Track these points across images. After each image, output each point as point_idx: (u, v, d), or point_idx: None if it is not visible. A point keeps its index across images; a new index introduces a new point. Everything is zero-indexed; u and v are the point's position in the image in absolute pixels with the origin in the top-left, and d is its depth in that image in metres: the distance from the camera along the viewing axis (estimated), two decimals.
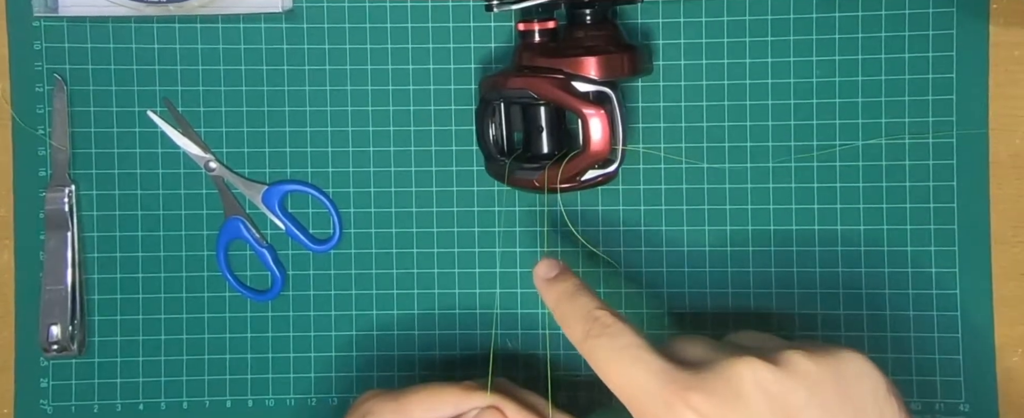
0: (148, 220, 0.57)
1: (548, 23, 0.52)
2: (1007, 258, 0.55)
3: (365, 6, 0.56)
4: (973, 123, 0.55)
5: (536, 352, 0.57)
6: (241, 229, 0.57)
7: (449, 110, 0.57)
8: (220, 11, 0.56)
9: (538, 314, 0.57)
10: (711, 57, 0.55)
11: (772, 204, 0.56)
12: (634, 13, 0.56)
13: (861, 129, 0.55)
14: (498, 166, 0.54)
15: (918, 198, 0.55)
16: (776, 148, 0.56)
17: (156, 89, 0.57)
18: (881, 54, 0.55)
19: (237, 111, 0.57)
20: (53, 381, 0.58)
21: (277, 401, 0.58)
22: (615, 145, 0.51)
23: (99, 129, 0.57)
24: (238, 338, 0.58)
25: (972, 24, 0.54)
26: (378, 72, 0.57)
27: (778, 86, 0.55)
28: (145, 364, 0.58)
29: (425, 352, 0.58)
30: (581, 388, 0.57)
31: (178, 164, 0.57)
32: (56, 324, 0.57)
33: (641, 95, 0.56)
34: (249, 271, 0.58)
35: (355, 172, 0.57)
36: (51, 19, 0.56)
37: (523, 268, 0.57)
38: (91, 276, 0.58)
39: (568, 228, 0.56)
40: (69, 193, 0.57)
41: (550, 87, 0.51)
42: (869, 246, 0.55)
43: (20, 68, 0.57)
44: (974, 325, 0.55)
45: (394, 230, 0.57)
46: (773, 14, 0.55)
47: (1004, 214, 0.55)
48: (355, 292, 0.58)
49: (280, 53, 0.57)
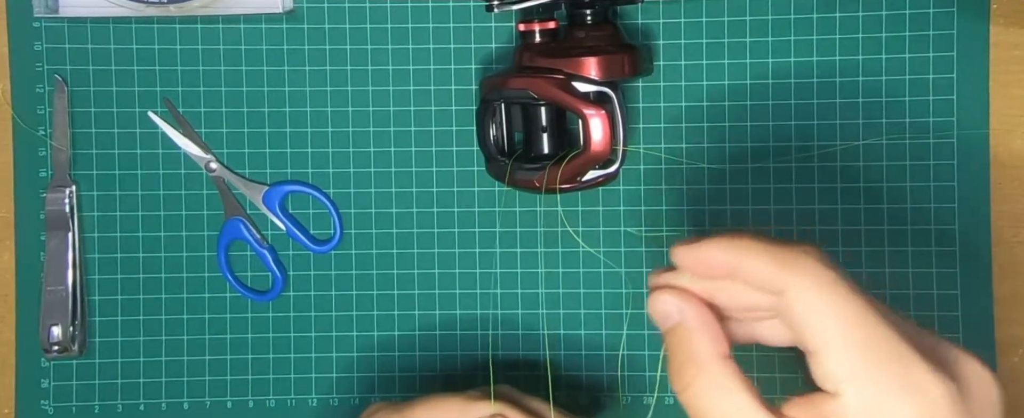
0: (149, 221, 0.57)
1: (549, 23, 0.52)
2: (1007, 258, 0.55)
3: (366, 7, 0.56)
4: (973, 123, 0.55)
5: (537, 352, 0.57)
6: (242, 230, 0.57)
7: (450, 111, 0.57)
8: (221, 12, 0.56)
9: (539, 314, 0.57)
10: (712, 57, 0.56)
11: (773, 204, 0.56)
12: (635, 13, 0.56)
13: (861, 129, 0.55)
14: (499, 167, 0.54)
15: (918, 198, 0.55)
16: (777, 148, 0.56)
17: (157, 90, 0.57)
18: (882, 54, 0.55)
19: (238, 112, 0.57)
20: (54, 382, 0.58)
21: (278, 401, 0.58)
22: (615, 145, 0.51)
23: (100, 130, 0.57)
24: (239, 339, 0.58)
25: (972, 24, 0.54)
26: (379, 73, 0.57)
27: (779, 86, 0.55)
28: (146, 365, 0.58)
29: (426, 352, 0.58)
30: (582, 388, 0.57)
31: (179, 165, 0.57)
32: (57, 325, 0.57)
33: (641, 95, 0.56)
34: (250, 272, 0.58)
35: (356, 173, 0.57)
36: (52, 20, 0.56)
37: (523, 268, 0.57)
38: (92, 277, 0.58)
39: (568, 228, 0.56)
40: (70, 194, 0.57)
41: (550, 87, 0.51)
42: (869, 246, 0.56)
43: (21, 69, 0.57)
44: (974, 325, 0.55)
45: (395, 231, 0.57)
46: (774, 14, 0.55)
47: (1004, 214, 0.55)
48: (356, 293, 0.58)
49: (281, 54, 0.57)
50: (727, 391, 0.37)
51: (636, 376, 0.57)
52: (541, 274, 0.57)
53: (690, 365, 0.37)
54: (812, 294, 0.36)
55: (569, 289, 0.57)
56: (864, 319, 0.35)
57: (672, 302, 0.39)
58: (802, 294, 0.36)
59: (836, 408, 0.35)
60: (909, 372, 0.35)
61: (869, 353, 0.35)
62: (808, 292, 0.36)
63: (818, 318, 0.36)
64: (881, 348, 0.35)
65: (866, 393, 0.34)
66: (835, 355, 0.35)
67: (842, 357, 0.35)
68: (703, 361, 0.37)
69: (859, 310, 0.36)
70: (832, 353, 0.35)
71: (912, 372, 0.35)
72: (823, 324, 0.35)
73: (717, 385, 0.37)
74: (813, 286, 0.36)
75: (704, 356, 0.38)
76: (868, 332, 0.35)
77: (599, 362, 0.57)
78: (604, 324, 0.57)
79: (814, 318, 0.36)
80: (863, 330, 0.35)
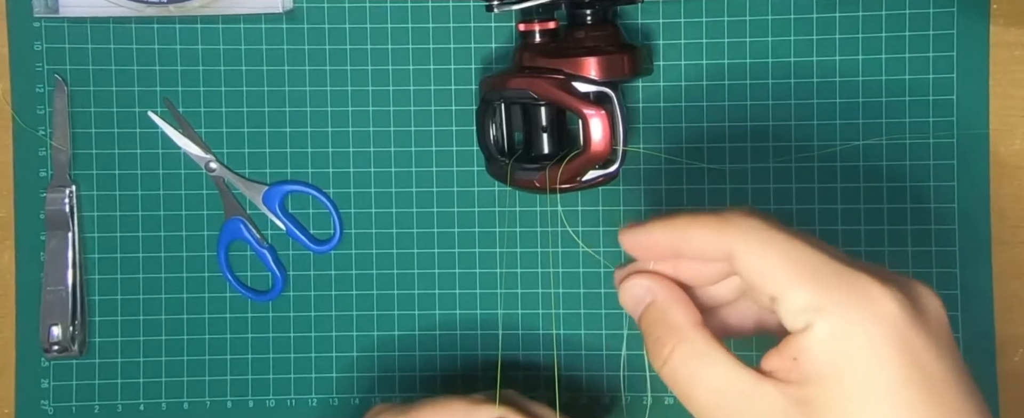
0: (149, 221, 0.57)
1: (549, 23, 0.52)
2: (1007, 258, 0.55)
3: (366, 7, 0.56)
4: (973, 123, 0.55)
5: (536, 352, 0.57)
6: (242, 230, 0.57)
7: (450, 111, 0.57)
8: (220, 11, 0.56)
9: (539, 315, 0.57)
10: (712, 57, 0.56)
11: (773, 204, 0.56)
12: (634, 13, 0.56)
13: (861, 129, 0.55)
14: (499, 166, 0.54)
15: (918, 198, 0.55)
16: (777, 148, 0.56)
17: (157, 90, 0.57)
18: (881, 54, 0.55)
19: (238, 111, 0.57)
20: (54, 382, 0.58)
21: (278, 401, 0.58)
22: (616, 145, 0.51)
23: (100, 130, 0.57)
24: (239, 339, 0.58)
25: (972, 24, 0.54)
26: (378, 72, 0.57)
27: (778, 86, 0.55)
28: (146, 365, 0.58)
29: (426, 352, 0.58)
30: (583, 388, 0.57)
31: (179, 165, 0.57)
32: (57, 325, 0.57)
33: (642, 95, 0.56)
34: (250, 272, 0.58)
35: (356, 172, 0.57)
36: (51, 20, 0.56)
37: (524, 268, 0.57)
38: (92, 277, 0.58)
39: (567, 228, 0.56)
40: (70, 194, 0.57)
41: (550, 87, 0.51)
42: (870, 246, 0.55)
43: (21, 69, 0.57)
44: (974, 325, 0.55)
45: (395, 231, 0.57)
46: (773, 14, 0.55)
47: (1004, 214, 0.55)
48: (356, 293, 0.58)
49: (281, 54, 0.57)
50: (707, 356, 0.38)
51: (636, 376, 0.57)
52: (540, 274, 0.57)
53: (668, 337, 0.39)
54: (755, 245, 0.37)
55: (569, 289, 0.57)
56: (809, 253, 0.37)
57: (641, 284, 0.40)
58: (747, 248, 0.37)
59: (807, 341, 0.36)
60: (862, 290, 0.36)
61: (821, 281, 0.36)
62: (751, 244, 0.37)
63: (768, 265, 0.37)
64: (831, 274, 0.36)
65: (830, 317, 0.35)
66: (792, 292, 0.36)
67: (800, 292, 0.36)
68: (680, 330, 0.39)
69: (801, 247, 0.37)
70: (790, 292, 0.36)
71: (865, 289, 0.36)
72: (774, 269, 0.37)
73: (697, 352, 0.38)
74: (754, 238, 0.37)
75: (681, 325, 0.39)
76: (816, 263, 0.36)
77: (599, 362, 0.57)
78: (604, 324, 0.57)
79: (764, 266, 0.37)
80: (811, 263, 0.36)
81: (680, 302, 0.40)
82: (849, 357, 0.35)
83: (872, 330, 0.35)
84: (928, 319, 0.36)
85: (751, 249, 0.37)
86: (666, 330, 0.39)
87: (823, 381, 0.35)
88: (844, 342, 0.35)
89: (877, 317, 0.35)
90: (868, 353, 0.35)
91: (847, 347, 0.35)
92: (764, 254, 0.37)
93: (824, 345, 0.35)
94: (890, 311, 0.35)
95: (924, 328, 0.36)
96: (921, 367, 0.35)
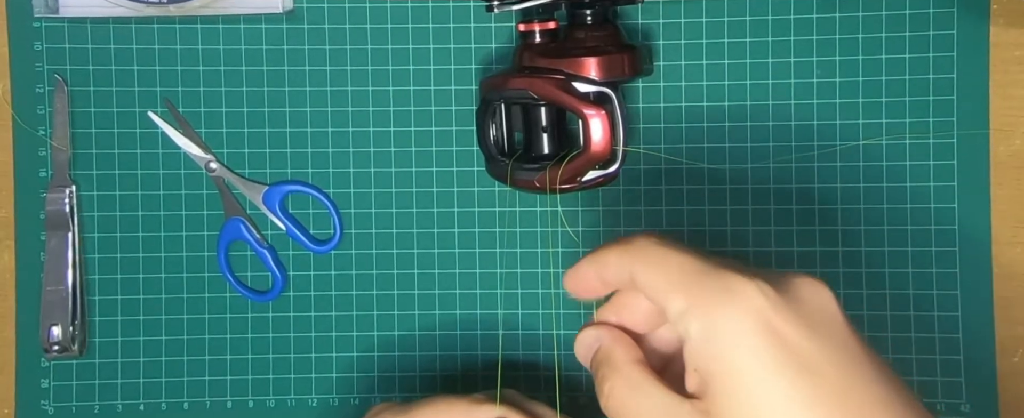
0: (149, 221, 0.57)
1: (549, 24, 0.52)
2: (1007, 258, 0.55)
3: (366, 7, 0.56)
4: (973, 123, 0.55)
5: (536, 352, 0.57)
6: (242, 230, 0.57)
7: (450, 111, 0.57)
8: (220, 12, 0.56)
9: (539, 315, 0.57)
10: (712, 58, 0.56)
11: (773, 204, 0.56)
12: (635, 13, 0.56)
13: (861, 129, 0.55)
14: (499, 167, 0.54)
15: (918, 198, 0.55)
16: (776, 148, 0.56)
17: (157, 90, 0.57)
18: (882, 54, 0.55)
19: (238, 112, 0.57)
20: (54, 382, 0.58)
21: (278, 401, 0.58)
22: (615, 146, 0.51)
23: (100, 130, 0.57)
24: (239, 339, 0.58)
25: (972, 24, 0.54)
26: (379, 73, 0.57)
27: (779, 86, 0.55)
28: (146, 365, 0.58)
29: (426, 352, 0.58)
30: (583, 388, 0.57)
31: (179, 165, 0.57)
32: (57, 325, 0.57)
33: (642, 96, 0.56)
34: (250, 272, 0.58)
35: (356, 173, 0.57)
36: (51, 20, 0.56)
37: (524, 268, 0.57)
38: (92, 277, 0.58)
39: (567, 229, 0.56)
40: (70, 194, 0.57)
41: (551, 88, 0.51)
42: (869, 246, 0.56)
43: (21, 69, 0.57)
44: (974, 325, 0.55)
45: (395, 231, 0.57)
46: (774, 14, 0.55)
47: (1004, 214, 0.55)
48: (356, 293, 0.58)
49: (281, 54, 0.57)
50: (640, 388, 0.39)
51: None
52: (540, 274, 0.57)
53: (609, 373, 0.40)
54: (648, 263, 0.39)
55: None
56: (685, 262, 0.38)
57: (591, 333, 0.42)
58: (643, 267, 0.39)
59: (689, 347, 0.37)
60: (725, 287, 0.37)
61: (688, 284, 0.37)
62: (646, 262, 0.39)
63: (654, 278, 0.39)
64: (699, 276, 0.38)
65: (699, 317, 0.37)
66: (670, 301, 0.38)
67: (675, 299, 0.37)
68: (619, 366, 0.40)
69: (675, 255, 0.39)
70: (668, 300, 0.38)
71: (728, 285, 0.37)
72: (658, 281, 0.38)
73: (632, 384, 0.39)
74: (647, 256, 0.39)
75: (620, 362, 0.40)
76: (688, 270, 0.38)
77: None
78: None
79: (652, 280, 0.39)
80: (683, 270, 0.38)
81: (620, 343, 0.41)
82: (727, 353, 0.36)
83: (739, 324, 0.36)
84: (800, 306, 0.37)
85: (646, 267, 0.39)
86: (608, 368, 0.41)
87: (711, 384, 0.36)
88: (716, 340, 0.36)
89: (742, 310, 0.36)
90: (740, 347, 0.36)
91: (721, 344, 0.36)
92: (652, 269, 0.39)
93: (701, 346, 0.36)
94: (755, 304, 0.36)
95: (794, 314, 0.36)
96: (794, 352, 0.35)
